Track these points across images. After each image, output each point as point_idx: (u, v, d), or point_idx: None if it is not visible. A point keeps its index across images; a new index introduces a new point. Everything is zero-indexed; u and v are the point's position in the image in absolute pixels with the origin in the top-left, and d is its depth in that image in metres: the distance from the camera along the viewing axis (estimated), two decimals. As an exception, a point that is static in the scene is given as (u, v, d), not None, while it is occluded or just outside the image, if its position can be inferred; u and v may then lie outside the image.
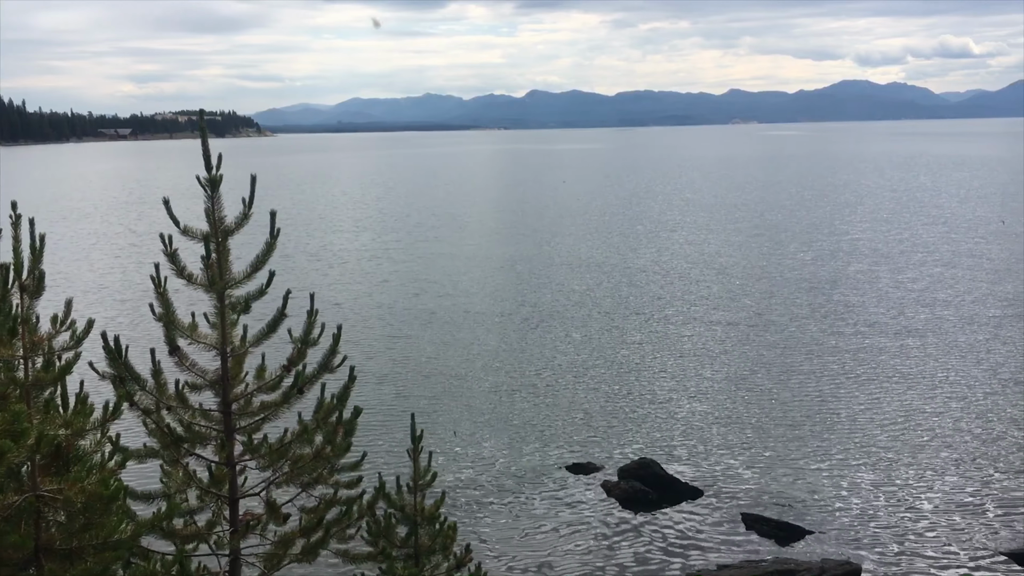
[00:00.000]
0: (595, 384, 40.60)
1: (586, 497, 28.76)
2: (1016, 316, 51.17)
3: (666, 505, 28.02)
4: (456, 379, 41.61)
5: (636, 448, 32.66)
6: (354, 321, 52.70)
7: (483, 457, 32.13)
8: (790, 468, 30.55)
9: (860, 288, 60.23)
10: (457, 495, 28.52)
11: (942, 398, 37.47)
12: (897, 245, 78.56)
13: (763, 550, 25.01)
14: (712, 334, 49.07)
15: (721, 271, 68.20)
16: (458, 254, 79.85)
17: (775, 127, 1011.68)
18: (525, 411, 37.04)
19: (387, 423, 34.75)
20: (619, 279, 65.86)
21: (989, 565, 23.94)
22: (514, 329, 51.13)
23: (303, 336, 12.04)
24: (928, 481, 29.29)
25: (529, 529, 26.66)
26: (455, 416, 36.39)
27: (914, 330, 48.68)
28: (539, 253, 79.18)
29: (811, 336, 47.91)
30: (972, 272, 65.15)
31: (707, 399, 38.15)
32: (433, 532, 14.16)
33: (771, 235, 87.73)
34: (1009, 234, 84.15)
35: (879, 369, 41.66)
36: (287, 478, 12.30)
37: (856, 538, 25.56)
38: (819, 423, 34.81)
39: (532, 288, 63.12)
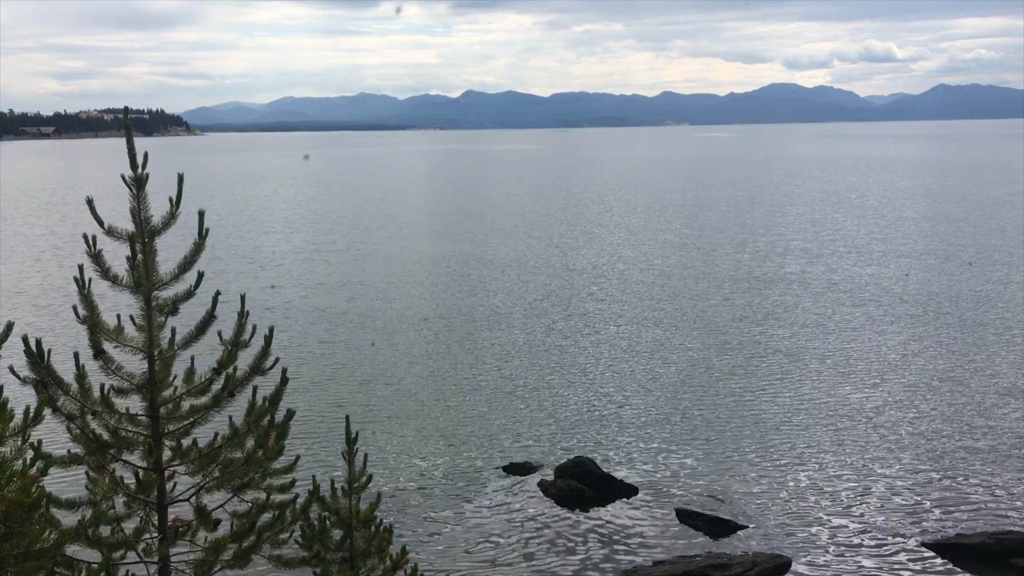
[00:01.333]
0: (532, 384, 40.74)
1: (523, 496, 28.84)
2: (943, 314, 52.82)
3: (602, 503, 28.24)
4: (392, 381, 41.37)
5: (573, 447, 32.86)
6: (287, 323, 52.03)
7: (419, 459, 31.99)
8: (723, 464, 31.06)
9: (793, 288, 61.54)
10: (393, 497, 28.35)
11: (872, 394, 38.48)
12: (829, 245, 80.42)
13: (697, 545, 25.38)
14: (648, 333, 49.64)
15: (657, 271, 69.04)
16: (393, 255, 79.40)
17: (707, 129, 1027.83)
18: (462, 412, 36.99)
19: (321, 426, 34.37)
20: (556, 280, 66.21)
21: (912, 556, 24.66)
22: (450, 330, 51.03)
23: (233, 338, 11.85)
24: (857, 475, 30.05)
25: (466, 530, 26.63)
26: (391, 418, 36.17)
27: (845, 328, 49.91)
28: (475, 254, 79.17)
29: (745, 335, 48.79)
30: (901, 271, 67.07)
31: (643, 397, 38.57)
32: (368, 535, 14.04)
33: (707, 236, 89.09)
34: (936, 234, 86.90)
35: (811, 366, 42.61)
36: (217, 483, 12.09)
37: (787, 531, 26.11)
38: (752, 419, 35.46)
39: (468, 289, 63.08)
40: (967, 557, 24.21)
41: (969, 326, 49.51)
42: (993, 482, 29.18)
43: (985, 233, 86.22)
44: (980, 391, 38.38)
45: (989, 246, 77.74)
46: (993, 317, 51.44)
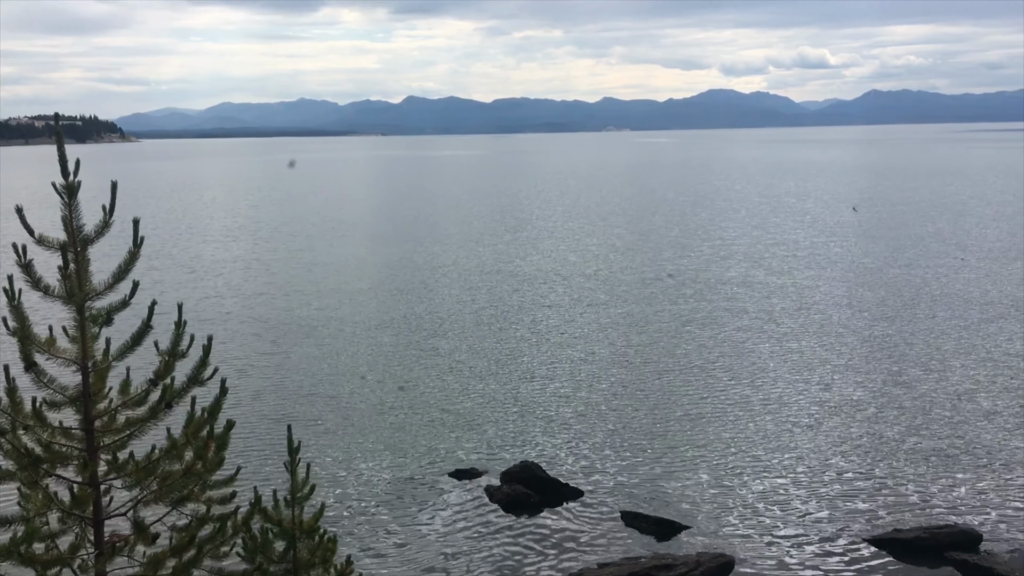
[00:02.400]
0: (477, 390, 40.69)
1: (469, 502, 28.77)
2: (883, 316, 54.09)
3: (548, 507, 28.32)
4: (334, 389, 40.97)
5: (518, 452, 32.88)
6: (227, 332, 51.23)
7: (364, 467, 31.72)
8: (668, 466, 31.37)
9: (737, 291, 62.47)
10: (338, 507, 28.07)
11: (812, 394, 39.22)
12: (771, 249, 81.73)
13: (642, 546, 25.59)
14: (593, 338, 49.94)
15: (602, 276, 69.53)
16: (336, 263, 78.73)
17: (647, 134, 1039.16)
18: (407, 419, 36.79)
19: (263, 436, 33.89)
20: (499, 285, 66.28)
21: (852, 551, 25.18)
22: (394, 337, 50.75)
23: (170, 348, 11.61)
24: (798, 473, 30.59)
25: (412, 537, 26.48)
26: (334, 427, 35.82)
27: (786, 331, 50.80)
28: (419, 261, 78.89)
29: (688, 338, 49.37)
30: (839, 273, 68.52)
31: (588, 401, 38.78)
32: (312, 545, 13.85)
33: (651, 240, 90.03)
34: (875, 237, 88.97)
35: (753, 369, 43.27)
36: (155, 496, 11.82)
37: (730, 531, 26.45)
38: (696, 421, 35.88)
39: (412, 296, 62.81)
40: (904, 551, 24.80)
41: (908, 327, 50.78)
42: (928, 478, 29.94)
43: (923, 236, 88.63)
44: (917, 390, 39.38)
45: (928, 249, 79.92)
46: (934, 318, 52.85)
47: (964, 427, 34.44)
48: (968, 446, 32.51)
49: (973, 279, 63.89)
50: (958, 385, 39.69)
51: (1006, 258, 72.91)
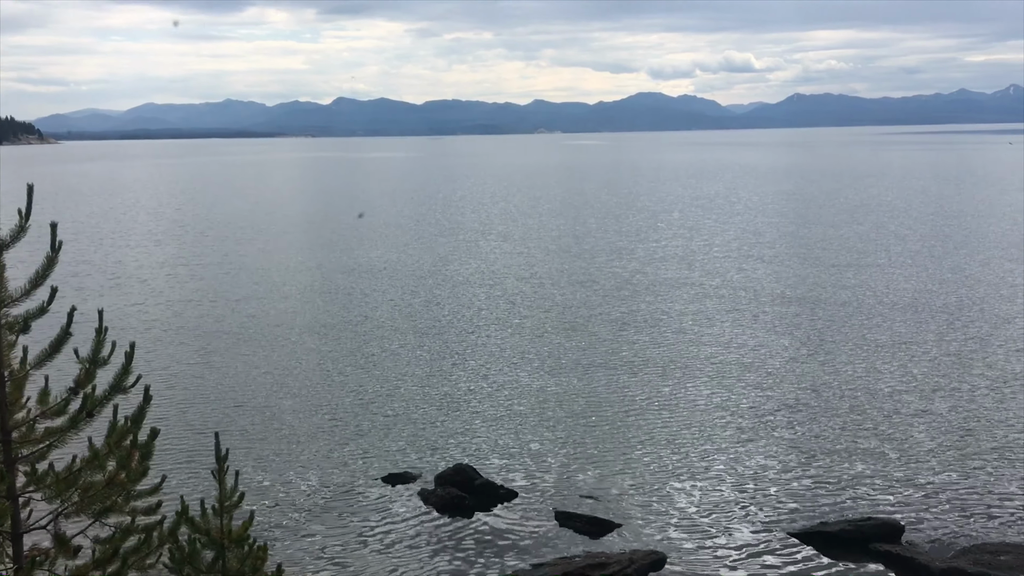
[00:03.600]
0: (409, 393, 40.48)
1: (403, 507, 28.60)
2: (810, 314, 55.37)
3: (482, 509, 28.31)
4: (263, 396, 40.34)
5: (452, 455, 32.81)
6: (151, 339, 50.08)
7: (295, 474, 31.28)
8: (601, 465, 31.64)
9: (668, 292, 63.31)
10: (268, 515, 27.63)
11: (740, 393, 39.95)
12: (705, 250, 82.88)
13: (576, 546, 25.76)
14: (526, 340, 50.10)
15: (535, 278, 69.81)
16: (264, 267, 77.55)
17: (577, 136, 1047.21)
18: (338, 425, 36.40)
19: (189, 444, 33.20)
20: (432, 288, 66.07)
21: (780, 545, 25.74)
22: (324, 342, 50.19)
23: (91, 356, 11.30)
24: (727, 469, 31.14)
25: (344, 544, 26.20)
26: (264, 433, 35.26)
27: (715, 330, 51.66)
28: (350, 264, 78.18)
29: (620, 338, 49.86)
30: (770, 274, 69.96)
31: (522, 403, 38.88)
32: (242, 555, 13.61)
33: (585, 242, 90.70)
34: (805, 238, 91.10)
35: (683, 368, 43.90)
36: (77, 508, 11.48)
37: (662, 527, 26.80)
38: (627, 420, 36.25)
39: (342, 300, 62.21)
40: (830, 544, 25.44)
41: (833, 325, 52.09)
42: (852, 473, 30.76)
43: (850, 236, 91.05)
44: (841, 388, 40.42)
45: (855, 249, 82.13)
46: (861, 316, 54.29)
47: (886, 422, 35.48)
48: (890, 441, 33.50)
49: (899, 279, 65.88)
50: (881, 382, 40.87)
51: (931, 257, 75.36)
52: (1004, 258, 74.03)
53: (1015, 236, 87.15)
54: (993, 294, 59.19)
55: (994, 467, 30.69)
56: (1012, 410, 36.39)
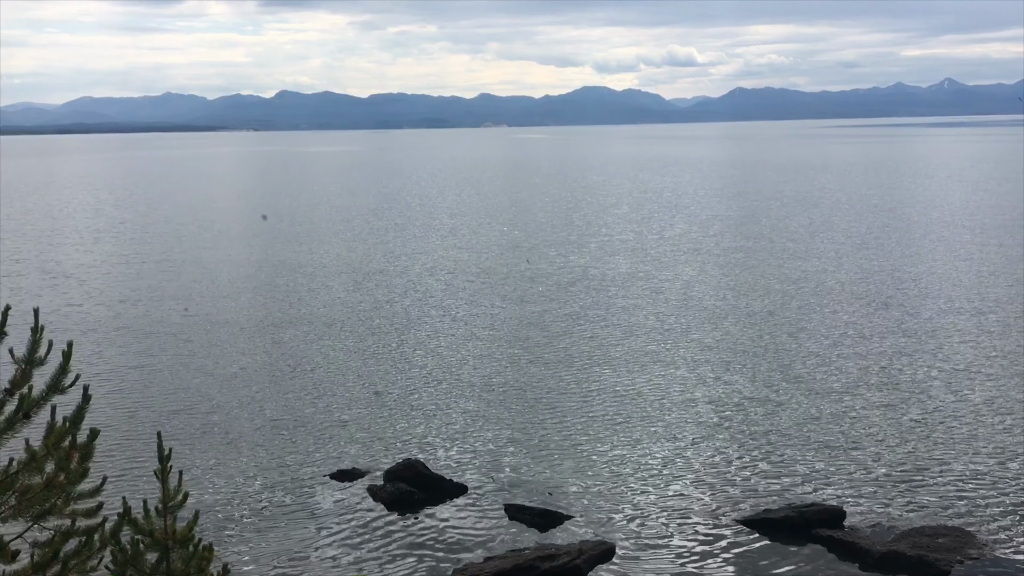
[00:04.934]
0: (357, 390, 40.21)
1: (351, 503, 28.41)
2: (755, 308, 56.18)
3: (433, 504, 28.25)
4: (207, 394, 39.72)
5: (401, 450, 32.68)
6: (90, 338, 49.01)
7: (241, 472, 30.87)
8: (550, 457, 31.77)
9: (617, 286, 63.72)
10: (213, 514, 27.23)
11: (686, 383, 40.40)
12: (654, 244, 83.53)
13: (526, 538, 25.84)
14: (473, 334, 50.06)
15: (484, 272, 69.77)
16: (206, 263, 76.33)
17: (524, 130, 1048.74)
18: (285, 422, 36.01)
19: (131, 444, 32.58)
20: (381, 283, 65.66)
21: (726, 532, 26.12)
22: (268, 338, 49.59)
23: (27, 355, 10.99)
24: (674, 459, 31.50)
25: (293, 542, 25.94)
26: (208, 431, 34.73)
27: (663, 321, 52.14)
28: (295, 260, 77.33)
29: (569, 331, 50.08)
30: (721, 266, 70.81)
31: (472, 397, 38.86)
32: (187, 555, 13.36)
33: (536, 236, 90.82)
34: (749, 232, 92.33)
35: (630, 360, 44.25)
36: (15, 511, 11.17)
37: (611, 518, 27.02)
38: (576, 413, 36.44)
39: (286, 296, 61.52)
40: (774, 530, 25.89)
41: (781, 316, 52.93)
42: (795, 459, 31.34)
43: (797, 228, 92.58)
44: (785, 376, 41.12)
45: (801, 240, 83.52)
46: (807, 306, 55.23)
47: (830, 411, 36.19)
48: (833, 429, 34.18)
49: (844, 271, 67.19)
50: (824, 372, 41.67)
51: (876, 248, 76.97)
52: (947, 249, 75.92)
53: (957, 226, 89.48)
54: (936, 284, 60.69)
55: (933, 453, 31.50)
56: (951, 398, 37.38)
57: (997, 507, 27.09)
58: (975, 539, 24.85)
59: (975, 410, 35.55)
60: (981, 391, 37.86)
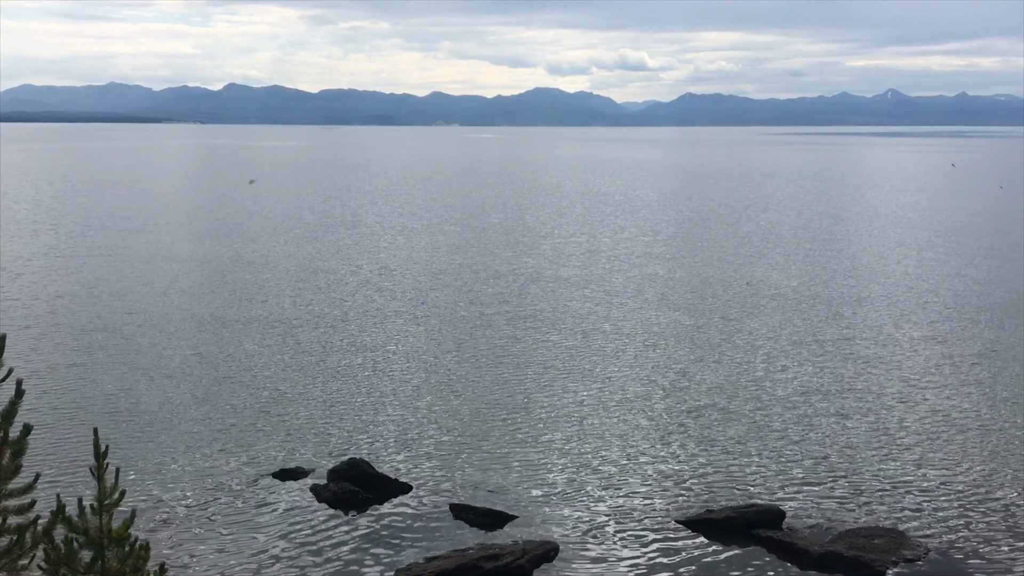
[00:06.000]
0: (301, 388, 39.79)
1: (294, 503, 28.11)
2: (701, 309, 56.81)
3: (377, 503, 28.09)
4: (146, 390, 39.00)
5: (346, 449, 32.42)
6: (25, 333, 47.84)
7: (181, 471, 30.35)
8: (494, 457, 31.78)
9: (569, 287, 63.94)
10: (151, 513, 26.75)
11: (630, 384, 40.72)
12: (609, 247, 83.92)
13: (470, 538, 25.81)
14: (422, 333, 49.88)
15: (434, 274, 69.55)
16: (150, 258, 74.94)
17: (476, 130, 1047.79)
18: (227, 419, 35.49)
19: (67, 440, 31.89)
20: (326, 281, 65.08)
21: (668, 532, 26.39)
22: (210, 335, 48.84)
23: (-42, 349, 10.69)
24: (617, 460, 31.72)
25: (234, 542, 25.57)
26: (147, 428, 34.10)
27: (610, 322, 52.46)
28: (242, 255, 76.31)
29: (515, 332, 50.13)
30: (670, 269, 71.43)
31: (417, 397, 38.70)
32: (123, 554, 13.10)
33: (489, 236, 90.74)
34: (699, 236, 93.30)
35: (574, 361, 44.43)
36: (-58, 510, 10.87)
37: (555, 518, 27.12)
38: (520, 413, 36.50)
39: (232, 292, 60.66)
40: (715, 530, 26.23)
41: (727, 319, 53.59)
42: (739, 461, 31.77)
43: (746, 233, 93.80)
44: (729, 379, 41.65)
45: (750, 245, 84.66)
46: (750, 310, 55.99)
47: (771, 414, 36.76)
48: (774, 431, 34.73)
49: (790, 276, 68.27)
50: (766, 375, 42.32)
51: (822, 253, 78.34)
52: (894, 257, 77.57)
53: (903, 235, 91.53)
54: (882, 292, 61.97)
55: (871, 457, 32.17)
56: (892, 403, 38.21)
57: (930, 510, 27.78)
58: (909, 540, 25.46)
59: (915, 416, 36.40)
60: (922, 398, 38.78)
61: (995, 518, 27.14)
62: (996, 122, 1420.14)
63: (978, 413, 36.42)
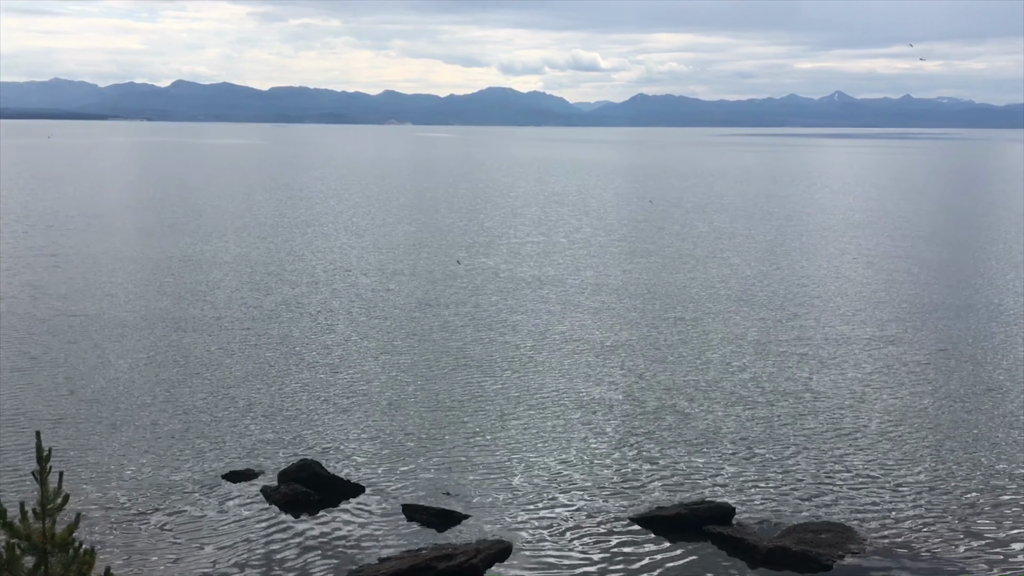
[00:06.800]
0: (251, 388, 39.33)
1: (244, 505, 27.77)
2: (656, 308, 57.24)
3: (329, 504, 27.87)
4: (91, 393, 38.23)
5: (297, 450, 32.12)
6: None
7: (128, 473, 29.81)
8: (448, 457, 31.72)
9: (520, 288, 64.00)
10: (97, 517, 26.25)
11: (582, 383, 40.89)
12: (565, 247, 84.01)
13: (423, 538, 25.74)
14: (373, 334, 49.59)
15: (387, 273, 69.17)
16: (95, 257, 73.50)
17: (429, 129, 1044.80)
18: (175, 421, 34.94)
19: (7, 444, 31.12)
20: (276, 281, 64.40)
21: (620, 530, 26.57)
22: (157, 336, 48.05)
23: None
24: (570, 458, 31.84)
25: (183, 545, 25.19)
26: (91, 431, 33.44)
27: (565, 327, 52.62)
28: (188, 254, 75.18)
29: (468, 331, 50.08)
30: (627, 267, 71.85)
31: (369, 398, 38.47)
32: (67, 559, 12.86)
33: (445, 236, 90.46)
34: (656, 237, 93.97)
35: (527, 359, 44.51)
36: None
37: (508, 517, 27.16)
38: (474, 412, 36.47)
39: (179, 292, 59.74)
40: (666, 527, 26.47)
41: (680, 318, 54.07)
42: (689, 459, 32.10)
43: (699, 234, 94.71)
44: (680, 377, 42.06)
45: (703, 245, 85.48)
46: (703, 309, 56.55)
47: (723, 412, 37.20)
48: (724, 428, 35.15)
49: (742, 275, 69.10)
50: (716, 372, 42.81)
51: (774, 253, 79.43)
52: (845, 256, 78.85)
53: (853, 234, 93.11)
54: (833, 291, 62.96)
55: (820, 453, 32.72)
56: (839, 399, 38.88)
57: (876, 504, 28.35)
58: (855, 534, 25.95)
59: (865, 415, 37.07)
60: (873, 397, 39.47)
61: (939, 513, 27.79)
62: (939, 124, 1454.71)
63: (926, 411, 37.24)
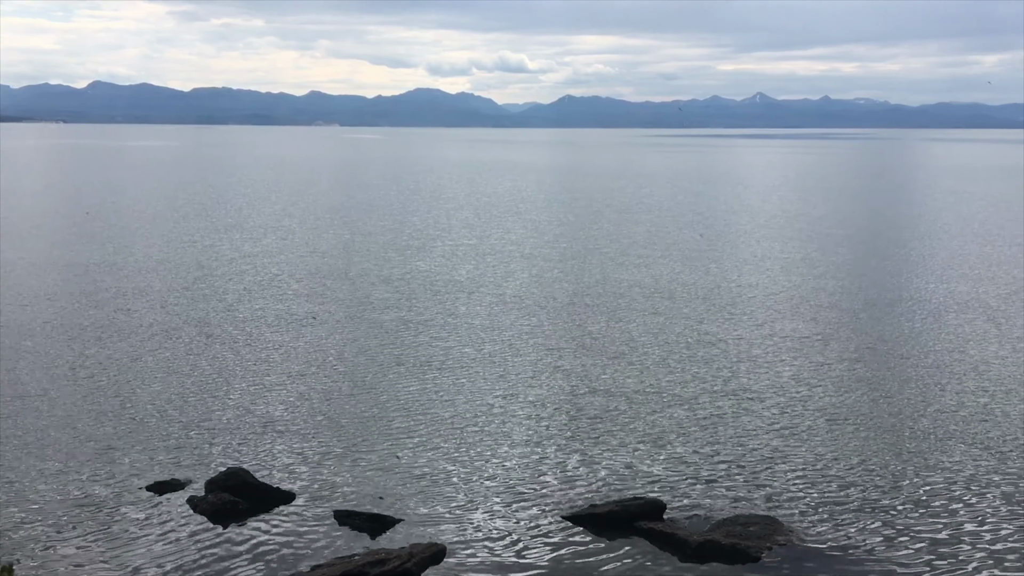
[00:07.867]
0: (177, 396, 38.39)
1: (170, 516, 27.06)
2: (585, 310, 57.59)
3: (258, 513, 27.34)
4: (8, 403, 36.82)
5: (224, 458, 31.44)
6: None
7: (47, 488, 28.80)
8: (380, 463, 31.43)
9: (455, 289, 63.76)
10: (11, 533, 25.29)
11: (513, 382, 40.95)
12: (498, 248, 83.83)
13: (356, 544, 25.45)
14: (305, 337, 48.89)
15: (315, 277, 68.29)
16: (6, 263, 70.95)
17: (357, 130, 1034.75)
18: (95, 432, 33.90)
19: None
20: (204, 285, 63.06)
21: (554, 529, 26.65)
22: (77, 344, 46.59)
23: None
24: (503, 458, 31.84)
25: (104, 560, 24.41)
26: (5, 443, 32.21)
27: (499, 328, 52.62)
28: (105, 260, 73.13)
29: (402, 335, 49.71)
30: (558, 269, 72.09)
31: (299, 403, 37.91)
32: (-19, 580, 12.35)
33: (376, 239, 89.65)
34: (589, 234, 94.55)
35: (461, 360, 44.36)
36: None
37: (442, 520, 27.02)
38: (404, 415, 36.21)
39: (101, 298, 58.03)
40: (600, 525, 26.66)
41: (613, 318, 54.51)
42: (622, 455, 32.39)
43: (632, 233, 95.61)
44: (612, 375, 42.42)
45: (637, 244, 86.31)
46: (633, 308, 57.10)
47: (652, 408, 37.63)
48: (659, 425, 35.57)
49: (675, 273, 69.97)
50: (647, 370, 43.29)
51: (702, 251, 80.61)
52: (777, 255, 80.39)
53: (783, 233, 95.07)
54: (762, 288, 64.15)
55: (751, 449, 33.32)
56: (770, 397, 39.63)
57: (802, 497, 28.99)
58: (783, 527, 26.49)
59: (795, 411, 37.76)
60: (804, 394, 40.16)
61: (864, 505, 28.55)
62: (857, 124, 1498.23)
63: (855, 407, 38.13)
